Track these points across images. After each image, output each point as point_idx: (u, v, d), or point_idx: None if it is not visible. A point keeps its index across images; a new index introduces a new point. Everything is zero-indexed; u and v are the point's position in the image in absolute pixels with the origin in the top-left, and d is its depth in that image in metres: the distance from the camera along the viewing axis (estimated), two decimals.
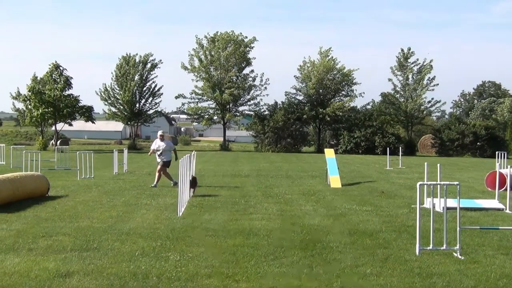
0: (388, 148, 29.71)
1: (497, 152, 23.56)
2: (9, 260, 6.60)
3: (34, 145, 45.34)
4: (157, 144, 15.23)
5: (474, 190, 15.54)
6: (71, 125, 48.73)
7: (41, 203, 11.48)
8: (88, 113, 45.94)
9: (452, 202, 9.41)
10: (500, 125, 61.11)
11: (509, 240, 8.20)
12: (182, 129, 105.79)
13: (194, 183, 13.30)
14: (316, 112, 47.53)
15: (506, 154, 24.57)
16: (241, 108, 50.71)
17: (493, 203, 11.93)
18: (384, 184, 17.11)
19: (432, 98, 50.46)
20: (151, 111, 52.15)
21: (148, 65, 50.32)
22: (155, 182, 15.04)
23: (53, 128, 47.69)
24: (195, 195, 12.99)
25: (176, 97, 50.03)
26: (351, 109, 49.34)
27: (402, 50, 49.79)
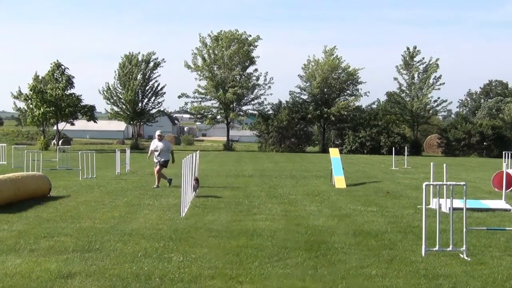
0: (394, 148, 29.64)
1: (504, 152, 23.36)
2: (11, 261, 6.59)
3: (36, 145, 45.34)
4: (155, 144, 15.20)
5: (481, 191, 15.46)
6: (73, 125, 48.50)
7: (43, 204, 11.48)
8: (90, 113, 45.73)
9: (459, 203, 9.34)
10: (507, 125, 60.57)
11: None
12: (185, 129, 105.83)
13: (196, 185, 13.20)
14: (321, 112, 47.35)
15: None
16: (245, 108, 50.66)
17: (500, 204, 11.87)
18: (390, 185, 17.03)
19: (438, 97, 50.26)
20: (154, 111, 51.99)
21: (151, 64, 50.07)
22: (157, 183, 15.02)
23: (55, 128, 47.49)
24: (198, 196, 12.93)
25: (179, 97, 49.81)
26: (356, 109, 49.15)
27: (408, 49, 49.52)
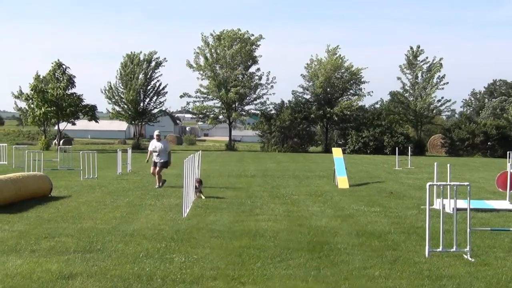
0: (397, 148, 29.62)
1: (508, 152, 23.31)
2: (11, 262, 6.57)
3: (37, 145, 45.36)
4: (154, 145, 15.17)
5: (485, 191, 15.42)
6: (74, 125, 48.32)
7: (44, 204, 11.46)
8: (92, 112, 45.61)
9: (462, 203, 9.32)
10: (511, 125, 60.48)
11: None
12: (187, 129, 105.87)
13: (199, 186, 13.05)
14: (324, 111, 47.22)
15: None
16: (247, 107, 50.43)
17: (504, 204, 11.83)
18: (393, 185, 16.99)
19: (442, 97, 49.95)
20: (156, 110, 51.78)
21: (153, 63, 49.93)
22: (158, 183, 14.98)
23: (56, 128, 47.35)
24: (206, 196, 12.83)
25: (181, 96, 49.49)
26: (359, 108, 48.94)
27: (411, 48, 49.24)
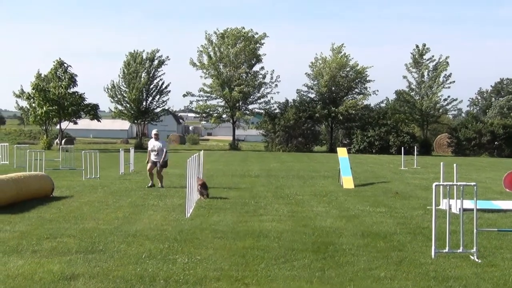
0: (403, 148, 29.48)
1: None
2: (13, 262, 6.54)
3: (38, 144, 45.44)
4: (153, 144, 15.19)
5: (492, 191, 15.33)
6: (76, 124, 48.39)
7: (46, 204, 11.43)
8: (94, 111, 45.53)
9: (469, 203, 9.24)
10: None
11: None
12: (190, 128, 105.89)
13: (205, 187, 12.92)
14: (328, 111, 47.11)
15: None
16: (251, 106, 50.40)
17: None
18: (399, 185, 16.91)
19: (448, 96, 49.72)
20: (158, 109, 51.77)
21: (155, 62, 49.86)
22: (160, 184, 14.97)
23: (58, 127, 47.34)
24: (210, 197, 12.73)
25: (184, 95, 49.47)
26: (365, 107, 48.86)
27: (417, 47, 49.01)
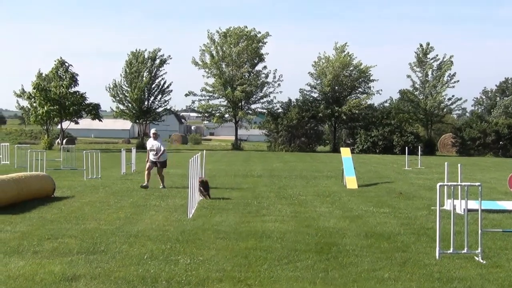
0: (407, 148, 29.35)
1: None
2: (14, 263, 6.51)
3: (39, 144, 45.28)
4: (151, 143, 15.09)
5: (497, 191, 15.26)
6: (78, 123, 48.34)
7: (47, 204, 11.40)
8: (95, 111, 45.37)
9: (474, 204, 9.16)
10: None
11: None
12: (192, 128, 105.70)
13: (206, 188, 12.84)
14: (332, 110, 46.94)
15: None
16: (254, 106, 50.13)
17: None
18: (403, 185, 16.85)
19: (453, 96, 49.45)
20: (160, 109, 51.63)
21: (157, 61, 49.72)
22: (162, 184, 14.90)
23: (59, 127, 47.22)
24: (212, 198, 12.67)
25: (186, 95, 49.24)
26: (368, 107, 48.61)
27: (421, 46, 48.74)
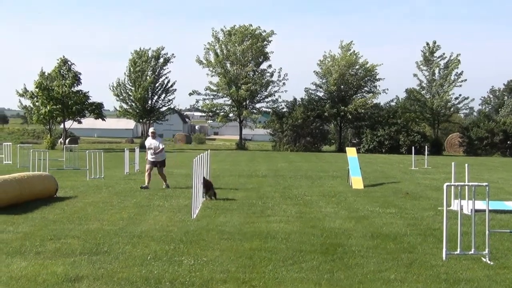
0: (413, 147, 29.23)
1: None
2: (16, 264, 6.50)
3: (42, 144, 45.32)
4: (149, 142, 15.07)
5: (504, 192, 15.17)
6: (80, 123, 48.35)
7: (49, 205, 11.38)
8: (98, 110, 45.27)
9: (481, 204, 9.08)
10: None
11: None
12: (197, 127, 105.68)
13: (209, 188, 12.73)
14: (337, 109, 46.84)
15: None
16: (258, 105, 50.15)
17: None
18: (409, 185, 16.77)
19: (460, 95, 49.40)
20: (164, 108, 51.62)
21: (161, 60, 49.66)
22: (164, 184, 14.88)
23: (62, 126, 47.21)
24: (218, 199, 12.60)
25: (190, 94, 49.22)
26: (374, 106, 48.49)
27: (428, 44, 48.56)
